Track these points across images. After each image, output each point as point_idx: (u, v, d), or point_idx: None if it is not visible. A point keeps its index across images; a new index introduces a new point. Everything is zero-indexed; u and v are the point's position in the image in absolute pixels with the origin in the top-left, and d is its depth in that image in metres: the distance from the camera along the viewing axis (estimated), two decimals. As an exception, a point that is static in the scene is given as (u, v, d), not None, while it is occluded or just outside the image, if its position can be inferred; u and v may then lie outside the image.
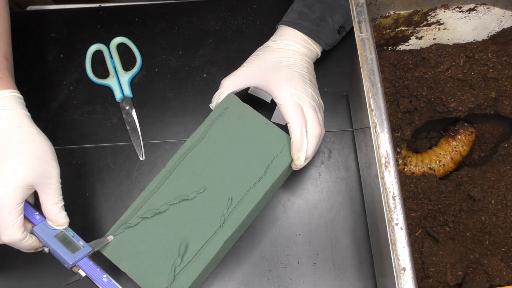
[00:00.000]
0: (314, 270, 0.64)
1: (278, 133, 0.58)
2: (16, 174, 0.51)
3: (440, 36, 0.63)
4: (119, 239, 0.56)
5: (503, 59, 0.62)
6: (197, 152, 0.58)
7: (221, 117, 0.59)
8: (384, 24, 0.60)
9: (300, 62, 0.61)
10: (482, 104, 0.62)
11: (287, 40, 0.62)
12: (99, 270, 0.54)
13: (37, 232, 0.54)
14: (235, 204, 0.56)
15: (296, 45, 0.62)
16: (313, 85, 0.60)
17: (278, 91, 0.57)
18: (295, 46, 0.62)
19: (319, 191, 0.68)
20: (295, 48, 0.62)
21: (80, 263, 0.53)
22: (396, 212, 0.46)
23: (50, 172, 0.54)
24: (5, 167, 0.51)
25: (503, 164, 0.62)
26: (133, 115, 0.72)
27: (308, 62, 0.62)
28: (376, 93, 0.49)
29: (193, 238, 0.55)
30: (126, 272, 0.55)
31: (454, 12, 0.60)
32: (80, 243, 0.54)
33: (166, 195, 0.56)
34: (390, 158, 0.47)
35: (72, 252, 0.53)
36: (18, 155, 0.52)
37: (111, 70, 0.74)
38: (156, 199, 0.57)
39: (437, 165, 0.64)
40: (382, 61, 0.64)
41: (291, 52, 0.61)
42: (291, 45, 0.62)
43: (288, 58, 0.60)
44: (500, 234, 0.58)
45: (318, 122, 0.57)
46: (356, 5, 0.52)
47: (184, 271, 0.54)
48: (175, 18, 0.76)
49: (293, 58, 0.61)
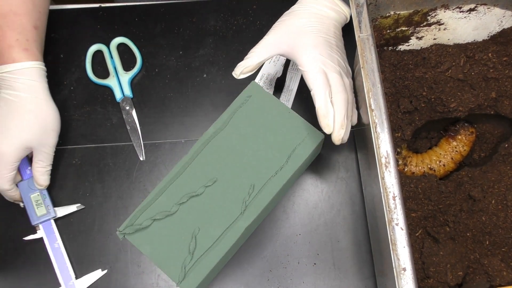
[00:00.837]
0: (314, 270, 0.64)
1: (301, 122, 0.59)
2: (20, 137, 0.60)
3: (440, 36, 0.63)
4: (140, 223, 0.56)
5: (503, 59, 0.62)
6: (219, 139, 0.58)
7: (244, 105, 0.60)
8: (384, 24, 0.60)
9: (328, 26, 0.57)
10: (483, 104, 0.62)
11: (315, 3, 0.58)
12: (55, 236, 0.65)
13: (19, 187, 0.65)
14: (256, 192, 0.56)
15: (323, 8, 0.58)
16: (340, 51, 0.57)
17: (302, 58, 0.55)
18: (323, 9, 0.58)
19: (319, 191, 0.67)
20: (323, 12, 0.58)
21: (43, 225, 0.65)
22: (396, 212, 0.46)
23: (48, 143, 0.63)
24: (13, 129, 0.60)
25: (504, 164, 0.62)
26: (133, 115, 0.72)
27: (336, 26, 0.59)
28: (376, 93, 0.49)
29: (213, 225, 0.55)
30: (148, 255, 0.55)
31: (454, 12, 0.60)
32: (48, 207, 0.65)
33: (188, 181, 0.57)
34: (390, 158, 0.47)
35: (38, 214, 0.64)
36: (27, 121, 0.61)
37: (111, 70, 0.74)
38: (177, 185, 0.57)
39: (438, 165, 0.64)
40: (382, 61, 0.64)
41: (319, 16, 0.58)
42: (319, 8, 0.58)
43: (314, 23, 0.57)
44: (501, 234, 0.58)
45: (344, 86, 0.54)
46: (356, 5, 0.52)
47: (205, 255, 0.54)
48: (175, 18, 0.76)
49: (320, 22, 0.57)
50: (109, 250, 0.66)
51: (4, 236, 0.67)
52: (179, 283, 0.54)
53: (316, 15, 0.58)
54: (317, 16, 0.58)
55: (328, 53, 0.55)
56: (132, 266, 0.65)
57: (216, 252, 0.54)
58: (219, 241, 0.55)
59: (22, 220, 0.66)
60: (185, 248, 0.55)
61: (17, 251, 0.67)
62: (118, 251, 0.66)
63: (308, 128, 0.59)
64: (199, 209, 0.56)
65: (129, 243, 0.66)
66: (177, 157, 0.70)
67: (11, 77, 0.60)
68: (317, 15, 0.58)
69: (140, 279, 0.65)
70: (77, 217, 0.68)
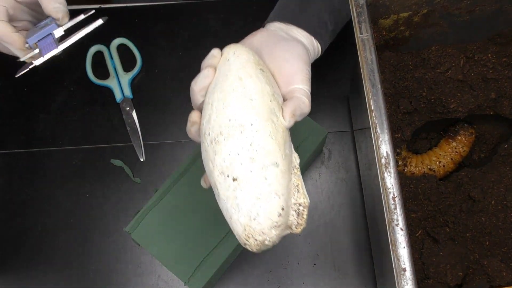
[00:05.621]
0: (314, 271, 0.64)
1: (304, 119, 0.59)
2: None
3: (440, 37, 0.63)
4: (147, 223, 0.56)
5: (502, 60, 0.62)
6: None
7: None
8: (384, 25, 0.60)
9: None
10: (482, 105, 0.62)
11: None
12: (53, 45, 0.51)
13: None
14: None
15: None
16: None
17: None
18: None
19: (319, 192, 0.68)
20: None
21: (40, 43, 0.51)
22: (396, 213, 0.46)
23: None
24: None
25: (503, 165, 0.62)
26: (133, 116, 0.72)
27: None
28: (376, 94, 0.49)
29: (219, 223, 0.54)
30: (155, 255, 0.55)
31: (454, 13, 0.60)
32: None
33: (194, 180, 0.56)
34: (390, 159, 0.47)
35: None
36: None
37: (111, 71, 0.74)
38: (183, 185, 0.57)
39: (437, 166, 0.64)
40: (382, 62, 0.64)
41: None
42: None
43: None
44: (500, 235, 0.58)
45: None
46: (356, 6, 0.52)
47: (212, 254, 0.55)
48: (175, 19, 0.76)
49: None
50: (109, 251, 0.66)
51: (4, 236, 0.67)
52: (187, 283, 0.54)
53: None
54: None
55: None
56: (132, 266, 0.65)
57: (222, 251, 0.54)
58: (225, 240, 0.54)
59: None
60: (191, 247, 0.55)
61: (17, 252, 0.67)
62: (118, 251, 0.66)
63: (312, 125, 0.58)
64: (204, 207, 0.56)
65: (129, 244, 0.66)
66: (177, 158, 0.70)
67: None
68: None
69: (140, 280, 0.65)
70: (77, 218, 0.68)
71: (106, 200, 0.68)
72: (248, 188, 0.40)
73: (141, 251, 0.66)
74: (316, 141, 0.59)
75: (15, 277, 0.66)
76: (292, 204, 0.42)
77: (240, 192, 0.40)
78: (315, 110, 0.71)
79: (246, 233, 0.40)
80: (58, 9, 0.50)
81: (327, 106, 0.71)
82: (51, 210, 0.68)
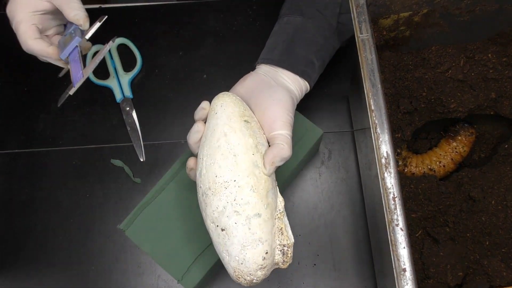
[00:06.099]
0: (314, 271, 0.64)
1: (300, 119, 0.59)
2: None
3: (440, 37, 0.63)
4: (141, 220, 0.57)
5: (503, 60, 0.62)
6: None
7: None
8: (384, 25, 0.60)
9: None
10: (482, 105, 0.62)
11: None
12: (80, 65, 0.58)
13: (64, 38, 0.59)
14: None
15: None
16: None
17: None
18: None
19: (319, 192, 0.67)
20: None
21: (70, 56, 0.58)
22: (396, 213, 0.46)
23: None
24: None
25: (503, 165, 0.62)
26: (133, 116, 0.72)
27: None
28: (376, 94, 0.49)
29: None
30: (148, 253, 0.55)
31: (454, 13, 0.60)
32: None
33: (188, 178, 0.56)
34: (390, 159, 0.47)
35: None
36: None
37: (111, 71, 0.74)
38: (177, 183, 0.57)
39: (437, 166, 0.64)
40: (382, 62, 0.64)
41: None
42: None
43: None
44: (501, 235, 0.58)
45: None
46: (356, 6, 0.52)
47: (206, 252, 0.55)
48: (175, 19, 0.76)
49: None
50: (109, 251, 0.66)
51: (5, 236, 0.67)
52: (180, 281, 0.54)
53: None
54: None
55: None
56: (132, 266, 0.65)
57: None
58: None
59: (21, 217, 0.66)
60: (185, 245, 0.55)
61: (17, 252, 0.67)
62: (118, 251, 0.66)
63: (307, 124, 0.59)
64: (199, 205, 0.56)
65: (129, 244, 0.66)
66: (177, 158, 0.70)
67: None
68: None
69: (140, 280, 0.65)
70: (77, 218, 0.68)
71: (106, 200, 0.68)
72: (235, 238, 0.45)
73: (141, 251, 0.66)
74: (312, 141, 0.59)
75: (15, 277, 0.66)
76: (277, 245, 0.47)
77: (228, 241, 0.45)
78: (315, 110, 0.71)
79: (236, 274, 0.46)
80: (78, 15, 0.57)
81: (327, 106, 0.71)
82: (51, 210, 0.68)
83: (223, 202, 0.45)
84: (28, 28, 0.57)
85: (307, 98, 0.63)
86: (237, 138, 0.47)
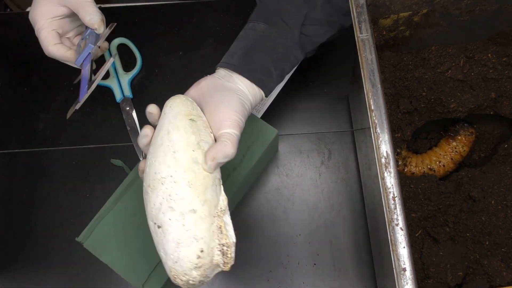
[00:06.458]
0: (314, 271, 0.64)
1: (254, 120, 0.60)
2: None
3: (440, 37, 0.63)
4: (99, 231, 0.57)
5: (503, 60, 0.62)
6: None
7: None
8: (384, 25, 0.60)
9: None
10: (482, 105, 0.62)
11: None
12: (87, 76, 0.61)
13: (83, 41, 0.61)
14: None
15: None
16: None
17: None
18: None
19: (319, 192, 0.68)
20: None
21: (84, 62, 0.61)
22: (396, 213, 0.46)
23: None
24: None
25: (503, 165, 0.62)
26: (133, 115, 0.72)
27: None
28: (376, 94, 0.49)
29: None
30: (108, 263, 0.55)
31: (454, 13, 0.60)
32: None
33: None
34: (390, 158, 0.47)
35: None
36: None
37: (111, 71, 0.74)
38: (135, 191, 0.57)
39: (437, 166, 0.64)
40: (382, 61, 0.64)
41: None
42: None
43: None
44: (500, 235, 0.58)
45: None
46: (356, 6, 0.52)
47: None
48: (175, 19, 0.76)
49: None
50: (109, 251, 0.66)
51: (5, 236, 0.67)
52: (142, 287, 0.54)
53: None
54: None
55: None
56: (132, 266, 0.66)
57: None
58: None
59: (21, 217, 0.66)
60: (144, 253, 0.55)
61: (17, 251, 0.67)
62: (118, 251, 0.66)
63: (262, 125, 0.59)
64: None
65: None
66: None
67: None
68: None
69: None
70: (77, 218, 0.68)
71: (106, 200, 0.68)
72: (170, 235, 0.43)
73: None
74: (266, 141, 0.59)
75: (15, 277, 0.66)
76: (216, 245, 0.45)
77: (164, 238, 0.44)
78: (315, 109, 0.71)
79: (172, 274, 0.44)
80: (93, 20, 0.59)
81: (326, 106, 0.71)
82: (51, 210, 0.68)
83: (159, 198, 0.44)
84: (48, 34, 0.59)
85: (307, 98, 0.63)
86: (179, 136, 0.46)
